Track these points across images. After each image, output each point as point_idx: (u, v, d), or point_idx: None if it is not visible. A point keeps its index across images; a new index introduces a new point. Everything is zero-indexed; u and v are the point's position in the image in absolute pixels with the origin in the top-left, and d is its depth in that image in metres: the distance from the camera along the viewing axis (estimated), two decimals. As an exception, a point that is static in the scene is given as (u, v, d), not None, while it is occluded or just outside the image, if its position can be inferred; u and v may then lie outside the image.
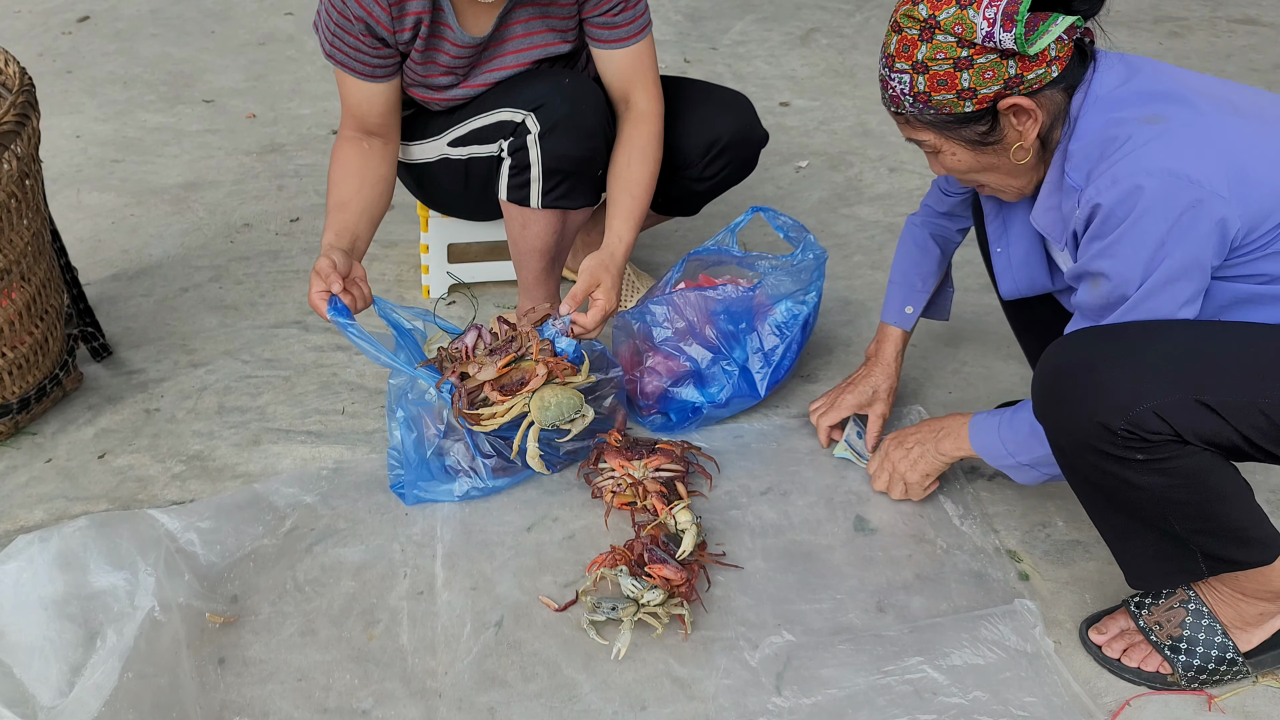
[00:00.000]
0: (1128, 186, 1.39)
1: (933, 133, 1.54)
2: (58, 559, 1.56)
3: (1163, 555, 1.49)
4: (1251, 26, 4.01)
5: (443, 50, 1.99)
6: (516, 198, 2.04)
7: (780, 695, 1.59)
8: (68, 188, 2.96)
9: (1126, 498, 1.44)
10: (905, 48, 1.47)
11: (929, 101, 1.48)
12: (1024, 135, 1.50)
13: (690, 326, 2.05)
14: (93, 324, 2.26)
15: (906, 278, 2.00)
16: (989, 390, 2.20)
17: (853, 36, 3.93)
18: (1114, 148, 1.42)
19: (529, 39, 2.03)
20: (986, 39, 1.41)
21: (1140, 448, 1.37)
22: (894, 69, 1.49)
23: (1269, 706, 1.57)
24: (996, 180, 1.60)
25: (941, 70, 1.45)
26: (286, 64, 3.74)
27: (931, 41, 1.44)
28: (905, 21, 1.46)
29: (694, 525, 1.76)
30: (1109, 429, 1.37)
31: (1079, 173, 1.47)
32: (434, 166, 2.16)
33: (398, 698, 1.59)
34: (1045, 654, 1.63)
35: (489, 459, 1.91)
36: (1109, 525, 1.54)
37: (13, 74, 2.00)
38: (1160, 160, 1.38)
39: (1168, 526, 1.44)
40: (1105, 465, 1.42)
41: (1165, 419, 1.35)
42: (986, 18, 1.40)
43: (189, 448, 2.07)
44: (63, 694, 1.45)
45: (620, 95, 2.08)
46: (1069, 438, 1.45)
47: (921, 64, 1.46)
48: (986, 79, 1.44)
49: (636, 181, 2.02)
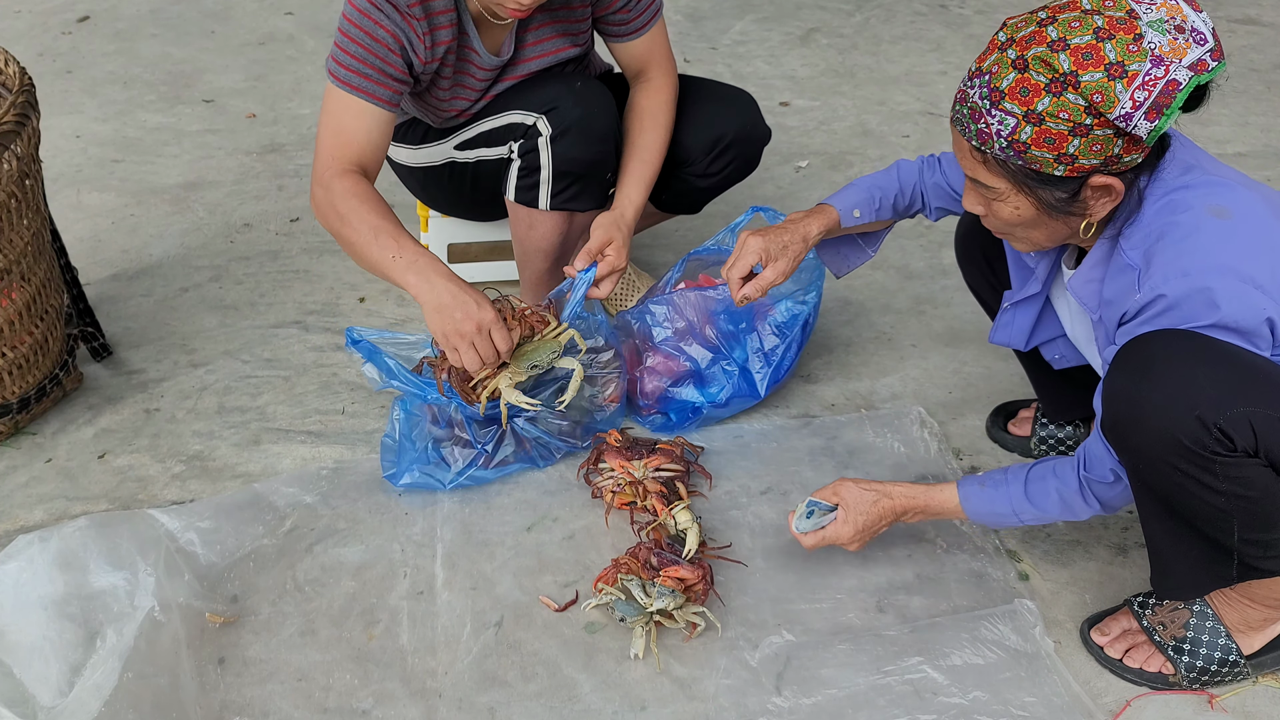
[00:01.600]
0: (1199, 284, 1.35)
1: (1009, 182, 1.44)
2: (58, 559, 1.56)
3: (1203, 564, 1.46)
4: (1251, 26, 4.01)
5: (470, 74, 2.00)
6: (525, 199, 2.04)
7: (780, 695, 1.59)
8: (68, 188, 2.96)
9: (1194, 504, 1.38)
10: (1025, 91, 1.35)
11: (1024, 153, 1.38)
12: (1094, 212, 1.44)
13: (690, 326, 2.05)
14: (93, 324, 2.26)
15: (873, 191, 1.87)
16: (989, 390, 2.20)
17: (853, 36, 3.93)
18: (1180, 234, 1.38)
19: (543, 45, 2.04)
20: (1122, 119, 1.32)
21: (1224, 452, 1.32)
22: (999, 106, 1.37)
23: (1269, 706, 1.58)
24: (1034, 235, 1.52)
25: (1056, 130, 1.35)
26: (286, 64, 3.74)
27: (1060, 97, 1.33)
28: (1036, 65, 1.34)
29: (695, 524, 1.76)
30: (1205, 424, 1.30)
31: (1136, 251, 1.41)
32: (440, 169, 2.16)
33: (398, 698, 1.59)
34: (1045, 654, 1.63)
35: (479, 447, 1.93)
36: (1163, 530, 1.48)
37: (13, 74, 2.00)
38: (1229, 260, 1.35)
39: (1225, 534, 1.39)
40: (1185, 467, 1.34)
41: (1254, 428, 1.30)
42: (1134, 100, 1.31)
43: (189, 448, 2.07)
44: (63, 694, 1.45)
45: (635, 72, 2.12)
46: (1154, 435, 1.35)
47: (1037, 115, 1.35)
48: (1093, 151, 1.36)
49: (648, 146, 2.04)
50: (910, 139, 3.22)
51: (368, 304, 2.48)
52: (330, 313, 2.45)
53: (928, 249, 2.66)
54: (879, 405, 2.17)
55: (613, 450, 1.93)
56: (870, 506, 1.68)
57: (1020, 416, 2.09)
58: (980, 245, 1.87)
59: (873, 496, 1.68)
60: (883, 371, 2.25)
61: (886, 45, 3.86)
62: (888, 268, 2.60)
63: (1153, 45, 1.30)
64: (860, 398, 2.19)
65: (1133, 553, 1.82)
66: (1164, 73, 1.30)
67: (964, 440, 2.08)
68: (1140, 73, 1.30)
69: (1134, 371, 1.36)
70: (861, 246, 1.97)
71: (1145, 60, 1.30)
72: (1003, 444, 2.07)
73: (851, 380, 2.23)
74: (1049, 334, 1.80)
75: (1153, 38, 1.30)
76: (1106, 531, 1.86)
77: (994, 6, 4.15)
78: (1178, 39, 1.31)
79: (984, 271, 1.90)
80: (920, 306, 2.45)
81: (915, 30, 3.97)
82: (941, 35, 3.92)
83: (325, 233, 2.74)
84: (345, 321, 2.41)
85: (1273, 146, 3.15)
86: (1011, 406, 2.12)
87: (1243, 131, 3.22)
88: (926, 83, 3.58)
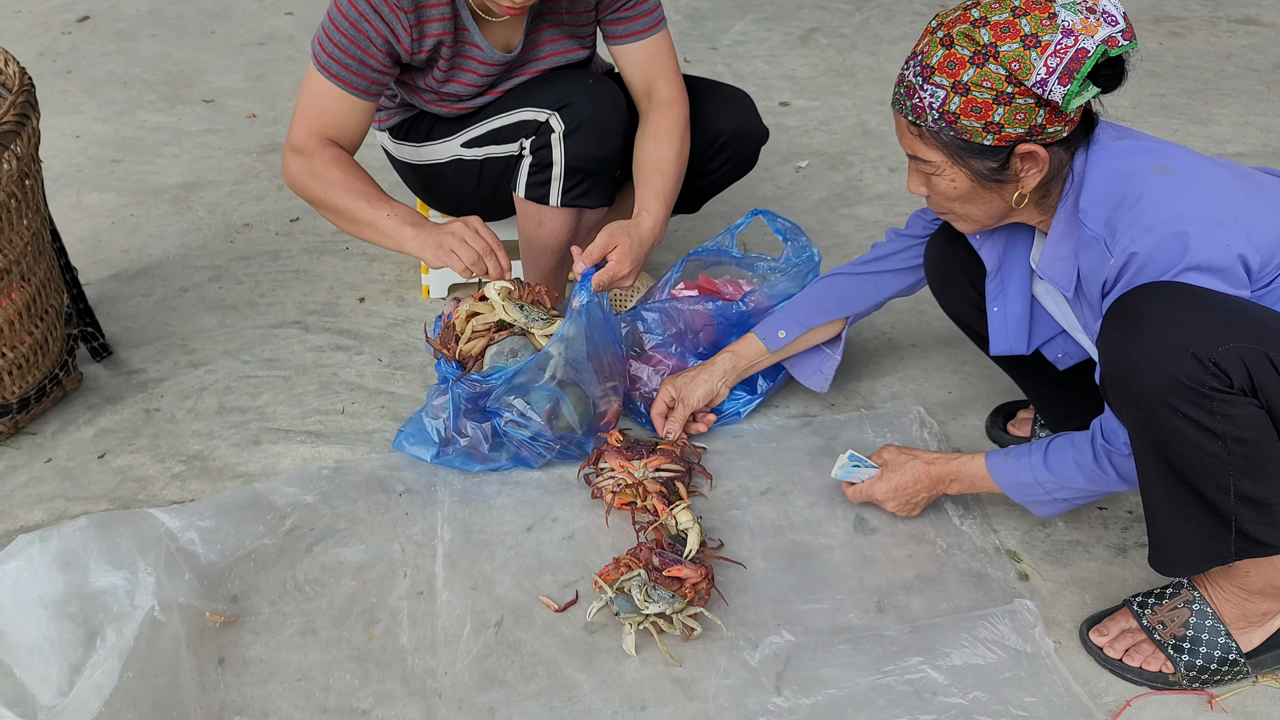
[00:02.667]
0: (1165, 233, 1.42)
1: (943, 154, 1.55)
2: (58, 559, 1.56)
3: (1201, 537, 1.47)
4: (1251, 26, 4.01)
5: (470, 69, 2.01)
6: (535, 195, 2.04)
7: (780, 695, 1.59)
8: (68, 188, 2.96)
9: (1192, 457, 1.41)
10: (951, 64, 1.46)
11: (955, 123, 1.49)
12: (1023, 182, 1.54)
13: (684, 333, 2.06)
14: (93, 324, 2.26)
15: (796, 307, 2.03)
16: (989, 390, 2.20)
17: (853, 36, 3.93)
18: (1134, 197, 1.46)
19: (551, 45, 2.06)
20: (1038, 84, 1.43)
21: (1222, 388, 1.36)
22: (930, 80, 1.49)
23: (1269, 706, 1.58)
24: (972, 211, 1.62)
25: (980, 98, 1.46)
26: (286, 64, 3.74)
27: (982, 68, 1.45)
28: (960, 40, 1.46)
29: (696, 524, 1.76)
30: (1200, 360, 1.35)
31: (1097, 222, 1.49)
32: (445, 167, 2.16)
33: (398, 698, 1.59)
34: (1045, 654, 1.63)
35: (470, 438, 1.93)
36: (1163, 492, 1.49)
37: (13, 74, 2.00)
38: (1187, 208, 1.44)
39: (1223, 492, 1.42)
40: (1183, 407, 1.38)
41: (1246, 364, 1.35)
42: (1048, 65, 1.42)
43: (189, 448, 2.07)
44: (63, 694, 1.45)
45: (643, 89, 2.11)
46: (1151, 379, 1.39)
47: (963, 85, 1.46)
48: (1017, 120, 1.46)
49: (665, 160, 2.03)
50: (910, 139, 3.22)
51: (368, 304, 2.48)
52: (330, 313, 2.45)
53: (928, 249, 2.66)
54: (879, 405, 2.17)
55: (613, 450, 1.93)
56: (907, 466, 1.81)
57: (1020, 417, 2.09)
58: (956, 265, 1.89)
59: (909, 458, 1.82)
60: (883, 371, 2.25)
61: (886, 45, 3.86)
62: (888, 268, 2.60)
63: (1065, 21, 1.42)
64: (860, 397, 2.19)
65: (1133, 553, 1.82)
66: (1074, 42, 1.41)
67: (964, 440, 2.08)
68: (1052, 43, 1.42)
69: (1124, 324, 1.43)
70: (827, 353, 2.08)
71: (1057, 32, 1.42)
72: (1002, 444, 2.07)
73: (851, 380, 2.23)
74: (1048, 332, 1.81)
75: (1065, 16, 1.42)
76: (1106, 531, 1.86)
77: (994, 6, 4.15)
78: (1089, 18, 1.42)
79: (966, 292, 1.90)
80: (920, 306, 2.45)
81: (915, 30, 3.97)
82: (941, 35, 3.92)
83: (325, 233, 2.74)
84: (345, 322, 2.41)
85: (1273, 146, 3.15)
86: (1011, 406, 2.12)
87: (1243, 131, 3.22)
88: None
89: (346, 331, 2.38)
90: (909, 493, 1.82)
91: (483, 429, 1.92)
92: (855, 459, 1.85)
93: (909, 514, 1.86)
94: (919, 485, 1.81)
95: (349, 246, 2.69)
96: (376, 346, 2.34)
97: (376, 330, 2.39)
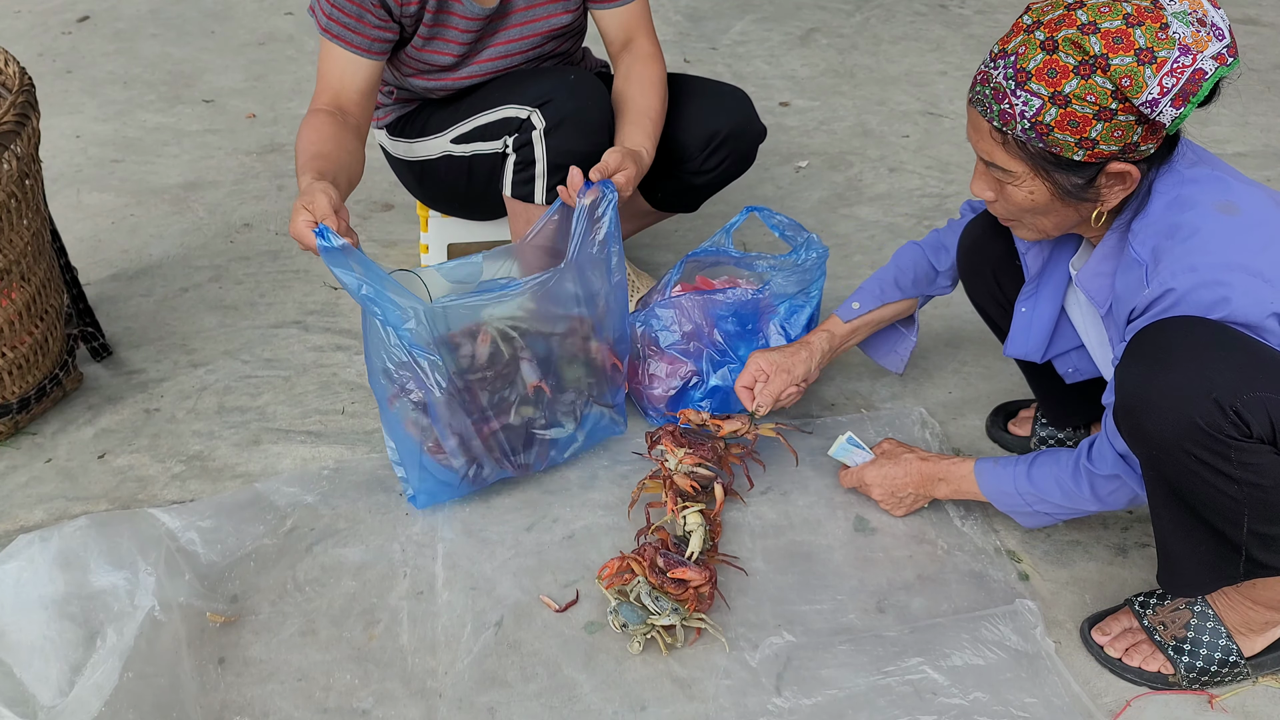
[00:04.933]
0: (1207, 279, 1.35)
1: (1027, 165, 1.44)
2: (58, 559, 1.56)
3: (1211, 560, 1.45)
4: (1251, 26, 4.01)
5: (451, 25, 2.00)
6: (521, 193, 2.04)
7: (780, 696, 1.58)
8: (68, 188, 2.96)
9: (1206, 494, 1.36)
10: (1052, 72, 1.35)
11: (1047, 135, 1.38)
12: (1106, 200, 1.45)
13: (697, 330, 2.05)
14: (93, 324, 2.26)
15: (871, 283, 1.98)
16: (989, 390, 2.20)
17: (853, 36, 3.93)
18: (1187, 231, 1.39)
19: (533, 10, 2.05)
20: (1148, 104, 1.33)
21: (1239, 437, 1.31)
22: (1025, 86, 1.37)
23: (1269, 706, 1.58)
24: (1042, 223, 1.53)
25: (1080, 112, 1.35)
26: (286, 64, 3.74)
27: (1088, 80, 1.34)
28: (1065, 46, 1.34)
29: (701, 528, 1.76)
30: (1221, 407, 1.29)
31: (1145, 247, 1.42)
32: (437, 164, 2.16)
33: (398, 698, 1.59)
34: (1046, 654, 1.63)
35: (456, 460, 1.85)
36: (1173, 523, 1.46)
37: (13, 74, 2.00)
38: (1237, 255, 1.36)
39: (1235, 526, 1.38)
40: (1199, 453, 1.33)
41: (1270, 414, 1.30)
42: (1162, 85, 1.31)
43: (189, 448, 2.07)
44: (63, 694, 1.45)
45: (621, 43, 2.13)
46: (1169, 420, 1.33)
47: (1064, 97, 1.35)
48: (1114, 137, 1.37)
49: (653, 107, 2.03)
50: (910, 139, 3.22)
51: (368, 304, 2.48)
52: (330, 313, 2.45)
53: (928, 249, 2.66)
54: (879, 405, 2.17)
55: (668, 434, 1.89)
56: (901, 458, 1.83)
57: (1020, 416, 2.09)
58: (989, 259, 1.85)
59: (905, 451, 1.84)
60: (883, 371, 2.25)
61: (886, 45, 3.86)
62: (888, 268, 2.60)
63: (1178, 34, 1.31)
64: (860, 398, 2.19)
65: (1133, 553, 1.82)
66: (1191, 61, 1.31)
67: (964, 440, 2.08)
68: (1169, 59, 1.31)
69: (1148, 357, 1.36)
70: (903, 333, 2.06)
71: (1174, 48, 1.31)
72: (1003, 444, 2.07)
73: (851, 380, 2.23)
74: (1066, 345, 1.79)
75: (1178, 28, 1.31)
76: (1106, 532, 1.86)
77: (994, 6, 4.15)
78: (1200, 31, 1.32)
79: (990, 287, 1.89)
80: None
81: (915, 30, 3.97)
82: (941, 35, 3.92)
83: (325, 233, 2.74)
84: (345, 321, 2.41)
85: (1273, 146, 3.15)
86: (1011, 406, 2.12)
87: (1243, 131, 3.22)
88: (926, 83, 3.58)
89: (346, 331, 2.38)
90: (898, 484, 1.82)
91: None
92: (854, 441, 1.89)
93: (894, 510, 1.86)
94: (908, 479, 1.81)
95: (349, 246, 2.69)
96: (376, 346, 2.33)
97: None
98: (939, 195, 2.91)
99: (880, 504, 1.87)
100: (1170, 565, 1.51)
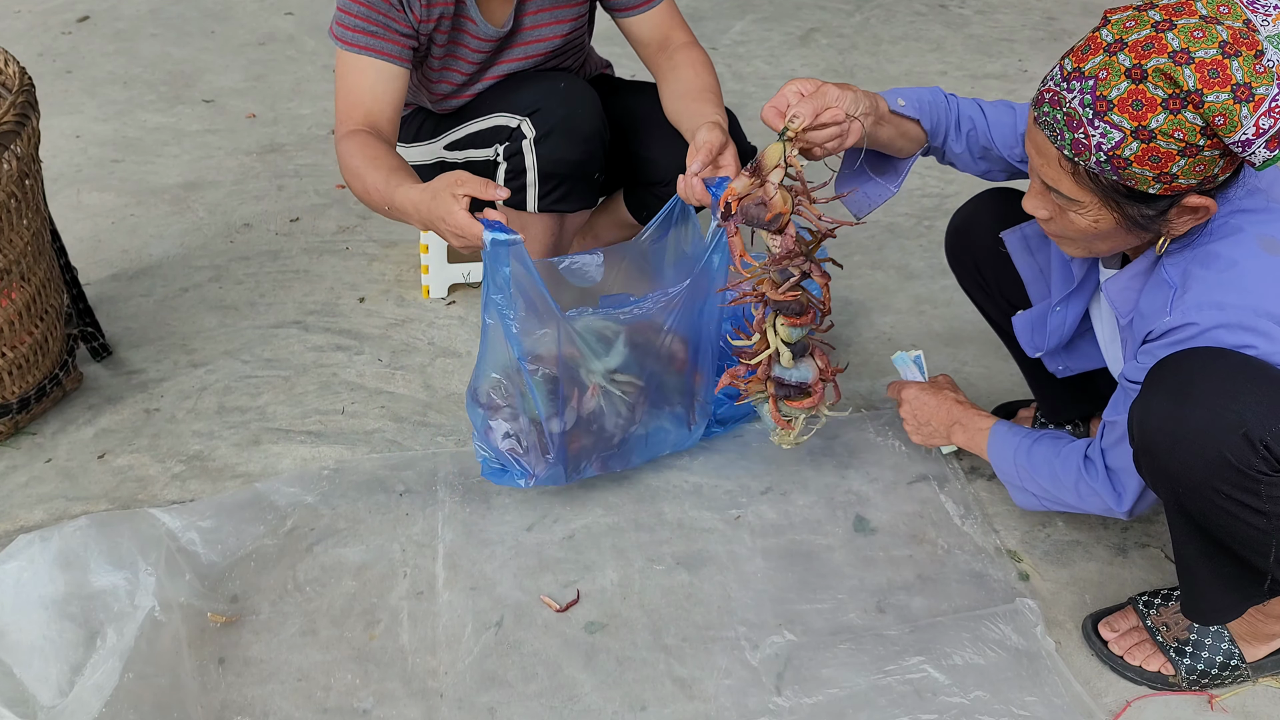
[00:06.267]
0: (1233, 322, 1.29)
1: (1096, 197, 1.34)
2: (58, 559, 1.56)
3: (1235, 585, 1.43)
4: (1251, 27, 4.01)
5: (465, 44, 2.00)
6: (513, 202, 2.04)
7: (781, 695, 1.59)
8: (68, 188, 2.96)
9: (1234, 527, 1.32)
10: (1138, 105, 1.23)
11: (1124, 169, 1.28)
12: (1174, 229, 1.35)
13: None
14: (93, 324, 2.26)
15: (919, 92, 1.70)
16: (989, 390, 2.20)
17: (853, 36, 3.93)
18: (1223, 264, 1.32)
19: (543, 29, 2.04)
20: (1240, 144, 1.23)
21: (1270, 472, 1.26)
22: (1105, 118, 1.26)
23: (1269, 707, 1.58)
24: (1098, 246, 1.44)
25: (1165, 149, 1.25)
26: (286, 64, 3.74)
27: (1178, 115, 1.22)
28: (1157, 78, 1.22)
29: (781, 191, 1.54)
30: (1251, 442, 1.24)
31: (1176, 269, 1.35)
32: (430, 169, 2.16)
33: (398, 698, 1.59)
34: (1046, 654, 1.63)
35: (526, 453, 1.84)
36: (1199, 555, 1.43)
37: (13, 74, 2.00)
38: (1266, 302, 1.29)
39: (1262, 557, 1.34)
40: (1228, 490, 1.28)
41: None
42: (1259, 126, 1.21)
43: (189, 448, 2.07)
44: (63, 694, 1.45)
45: (659, 44, 2.07)
46: (1197, 454, 1.28)
47: (1148, 131, 1.24)
48: (1195, 172, 1.27)
49: (711, 85, 1.96)
50: (910, 139, 3.22)
51: (368, 304, 2.48)
52: (330, 313, 2.45)
53: (928, 249, 2.66)
54: (879, 405, 2.17)
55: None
56: (941, 391, 1.84)
57: (1020, 416, 2.09)
58: (969, 249, 1.86)
59: (949, 389, 1.86)
60: (883, 371, 2.25)
61: (886, 45, 3.86)
62: (887, 268, 2.60)
63: (1272, 64, 1.21)
64: (860, 398, 2.19)
65: (1133, 553, 1.82)
66: None
67: (964, 440, 2.09)
68: (1268, 97, 1.20)
69: (1173, 391, 1.29)
70: (882, 184, 1.76)
71: (1273, 84, 1.20)
72: (1003, 444, 2.07)
73: (851, 380, 2.23)
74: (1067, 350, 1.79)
75: (1273, 55, 1.21)
76: (1106, 532, 1.86)
77: (994, 6, 4.15)
78: None
79: (973, 275, 1.90)
80: (920, 306, 2.45)
81: (915, 30, 3.97)
82: (941, 35, 3.92)
83: (325, 233, 2.74)
84: (345, 322, 2.41)
85: None
86: (1011, 406, 2.12)
87: (1243, 131, 3.22)
88: (926, 83, 3.57)
89: (346, 331, 2.38)
90: (927, 413, 1.83)
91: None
92: (919, 361, 1.98)
93: (913, 435, 1.87)
94: (938, 412, 1.82)
95: (349, 246, 2.69)
96: (376, 346, 2.34)
97: (376, 330, 2.39)
98: (939, 195, 2.91)
99: (904, 424, 1.88)
100: (1195, 595, 1.50)
